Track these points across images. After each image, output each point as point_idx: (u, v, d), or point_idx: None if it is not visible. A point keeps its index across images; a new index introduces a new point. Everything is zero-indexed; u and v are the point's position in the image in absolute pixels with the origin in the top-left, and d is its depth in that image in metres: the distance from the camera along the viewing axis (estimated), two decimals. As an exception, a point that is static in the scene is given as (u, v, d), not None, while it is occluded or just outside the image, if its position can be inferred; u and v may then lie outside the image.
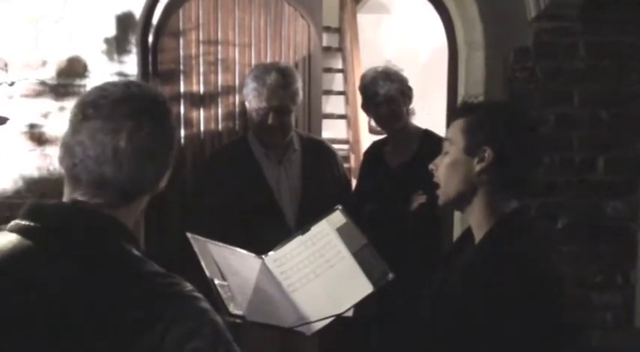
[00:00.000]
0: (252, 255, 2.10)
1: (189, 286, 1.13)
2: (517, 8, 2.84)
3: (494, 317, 1.42)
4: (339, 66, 6.99)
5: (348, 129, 6.68)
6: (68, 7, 2.80)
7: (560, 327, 1.50)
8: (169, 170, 1.25)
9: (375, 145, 3.20)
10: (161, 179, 1.25)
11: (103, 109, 1.15)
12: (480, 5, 2.88)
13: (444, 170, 1.66)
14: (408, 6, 6.88)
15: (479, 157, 1.59)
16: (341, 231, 2.09)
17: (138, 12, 2.85)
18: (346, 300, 1.84)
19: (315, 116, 3.52)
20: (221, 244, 1.96)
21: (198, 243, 1.81)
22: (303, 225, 2.64)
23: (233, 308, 1.63)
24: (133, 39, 2.85)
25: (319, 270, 1.99)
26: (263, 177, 2.75)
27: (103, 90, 1.19)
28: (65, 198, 1.19)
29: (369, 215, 2.89)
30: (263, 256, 2.11)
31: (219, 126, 3.24)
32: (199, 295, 1.13)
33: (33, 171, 2.82)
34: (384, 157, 3.05)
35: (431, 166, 1.71)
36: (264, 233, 2.60)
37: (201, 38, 3.18)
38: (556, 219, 2.89)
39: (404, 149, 2.96)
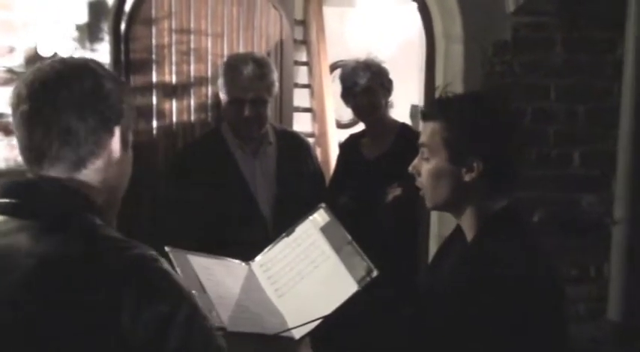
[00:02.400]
0: (238, 261, 2.04)
1: (150, 250, 1.16)
2: (496, 1, 2.84)
3: (486, 317, 1.40)
4: (304, 59, 6.93)
5: (313, 123, 6.65)
6: (38, -8, 2.69)
7: (554, 323, 1.49)
8: (107, 126, 1.21)
9: (352, 137, 3.17)
10: (100, 138, 1.21)
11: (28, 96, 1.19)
12: (459, -3, 2.87)
13: (428, 178, 1.60)
14: (372, 0, 6.89)
15: (466, 168, 1.54)
16: (325, 229, 2.03)
17: (110, -2, 2.76)
18: (332, 301, 1.79)
19: (286, 108, 3.48)
20: (203, 254, 1.90)
21: (178, 256, 1.74)
22: (278, 218, 2.61)
23: (212, 320, 1.58)
24: (105, 26, 2.75)
25: (304, 272, 1.93)
26: (239, 170, 2.69)
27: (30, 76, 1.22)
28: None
29: (343, 207, 2.86)
30: (250, 262, 2.06)
31: (192, 118, 3.17)
32: (160, 258, 1.16)
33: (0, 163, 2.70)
34: (360, 149, 3.03)
35: (410, 169, 1.65)
36: (240, 227, 2.56)
37: (173, 27, 3.11)
38: (532, 213, 2.91)
39: (381, 141, 2.94)
